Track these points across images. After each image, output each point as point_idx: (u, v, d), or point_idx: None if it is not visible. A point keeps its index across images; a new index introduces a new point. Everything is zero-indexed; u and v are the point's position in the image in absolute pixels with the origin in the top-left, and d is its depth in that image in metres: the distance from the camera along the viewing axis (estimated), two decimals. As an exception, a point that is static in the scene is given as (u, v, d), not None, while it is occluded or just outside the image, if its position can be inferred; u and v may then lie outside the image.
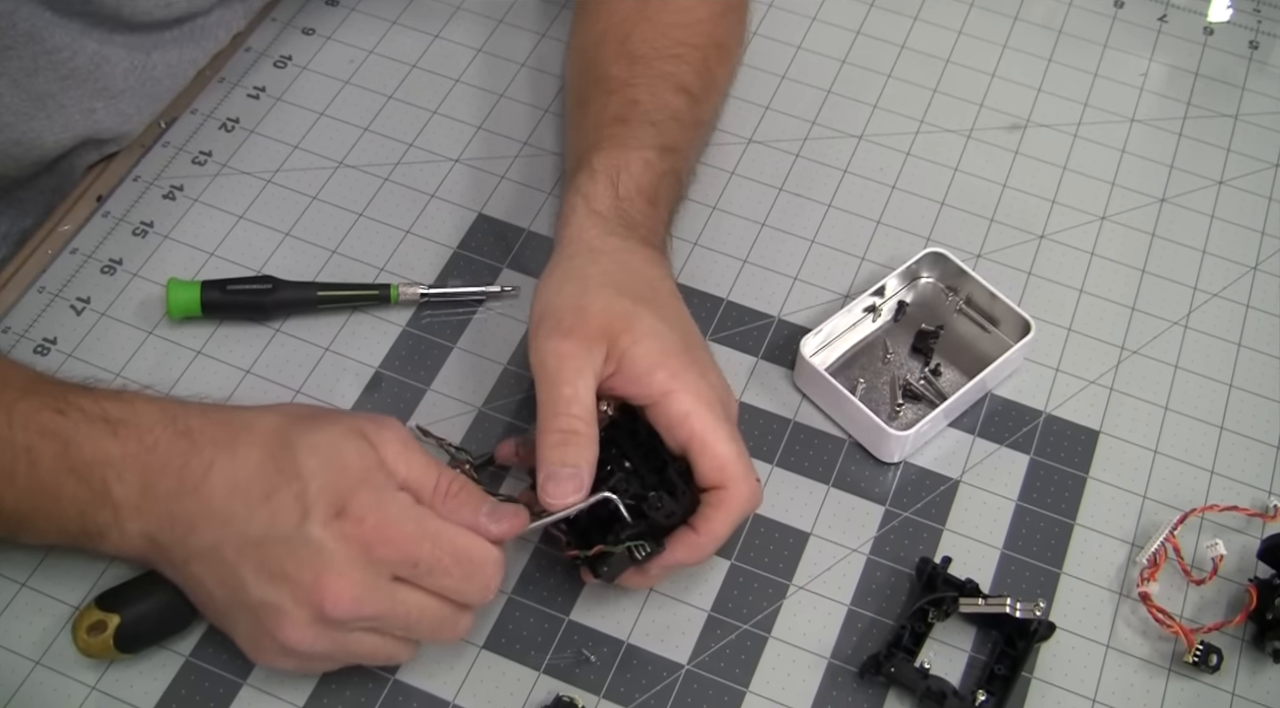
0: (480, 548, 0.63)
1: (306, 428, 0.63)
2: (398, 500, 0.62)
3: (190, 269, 0.83)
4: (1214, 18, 0.99)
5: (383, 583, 0.62)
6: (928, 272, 0.82)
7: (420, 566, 0.62)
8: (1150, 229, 0.87)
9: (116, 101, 0.82)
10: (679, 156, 0.79)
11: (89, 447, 0.64)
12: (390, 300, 0.81)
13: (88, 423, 0.64)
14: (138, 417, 0.65)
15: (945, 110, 0.93)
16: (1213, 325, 0.83)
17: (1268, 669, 0.71)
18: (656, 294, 0.71)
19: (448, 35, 0.95)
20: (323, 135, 0.89)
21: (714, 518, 0.66)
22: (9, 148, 0.79)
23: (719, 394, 0.68)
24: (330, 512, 0.61)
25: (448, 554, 0.62)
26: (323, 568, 0.61)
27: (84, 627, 0.66)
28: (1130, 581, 0.73)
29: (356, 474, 0.62)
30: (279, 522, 0.61)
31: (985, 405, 0.79)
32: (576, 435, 0.65)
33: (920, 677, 0.68)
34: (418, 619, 0.63)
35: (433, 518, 0.62)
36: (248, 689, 0.68)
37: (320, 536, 0.61)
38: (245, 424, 0.64)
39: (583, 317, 0.68)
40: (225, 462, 0.63)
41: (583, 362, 0.66)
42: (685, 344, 0.69)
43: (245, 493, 0.62)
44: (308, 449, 0.62)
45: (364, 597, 0.61)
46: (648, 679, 0.69)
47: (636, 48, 0.82)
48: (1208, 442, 0.79)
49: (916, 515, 0.75)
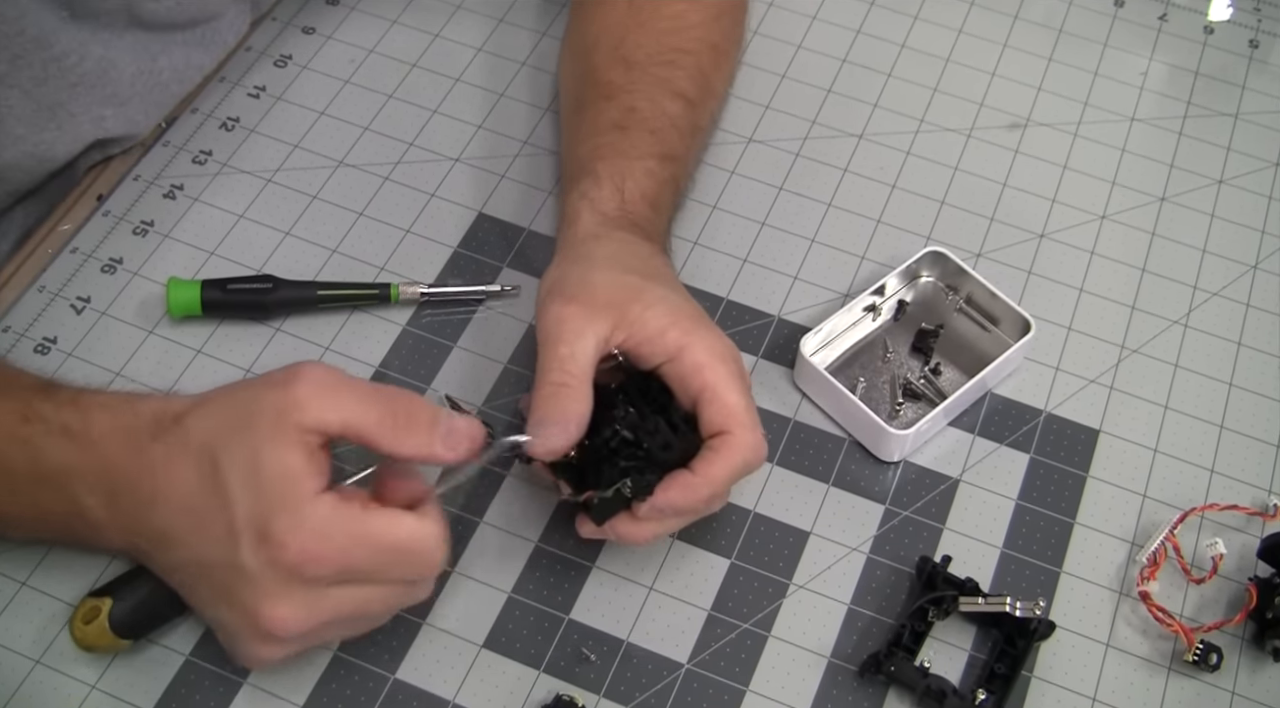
0: (414, 535, 0.61)
1: (229, 439, 0.60)
2: (317, 513, 0.59)
3: (190, 268, 0.83)
4: (1214, 17, 0.99)
5: (322, 593, 0.60)
6: (928, 271, 0.82)
7: (357, 571, 0.60)
8: (1150, 228, 0.87)
9: (125, 108, 0.82)
10: (678, 164, 0.80)
11: (55, 457, 0.63)
12: (391, 300, 0.81)
13: (50, 434, 0.64)
14: (91, 429, 0.63)
15: (945, 109, 0.93)
16: (1213, 324, 0.83)
17: (1268, 668, 0.71)
18: (662, 275, 0.71)
19: (448, 34, 0.95)
20: (323, 134, 0.89)
21: (713, 461, 0.65)
22: (22, 161, 0.79)
23: (735, 356, 0.68)
24: (256, 538, 0.59)
25: (382, 553, 0.60)
26: (260, 595, 0.59)
27: (79, 617, 0.66)
28: (1130, 579, 0.73)
29: (275, 490, 0.59)
30: (217, 549, 0.60)
31: (985, 405, 0.79)
32: (567, 388, 0.65)
33: (920, 676, 0.68)
34: (369, 609, 0.62)
35: (358, 518, 0.60)
36: (248, 688, 0.68)
37: (251, 563, 0.59)
38: (181, 440, 0.62)
39: (589, 288, 0.68)
40: (166, 484, 0.61)
41: (583, 325, 0.66)
42: (696, 309, 0.69)
43: (186, 518, 0.61)
44: (230, 468, 0.60)
45: (305, 614, 0.60)
46: (648, 678, 0.69)
47: (631, 53, 0.82)
48: (1208, 441, 0.79)
49: (916, 515, 0.75)
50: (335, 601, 0.60)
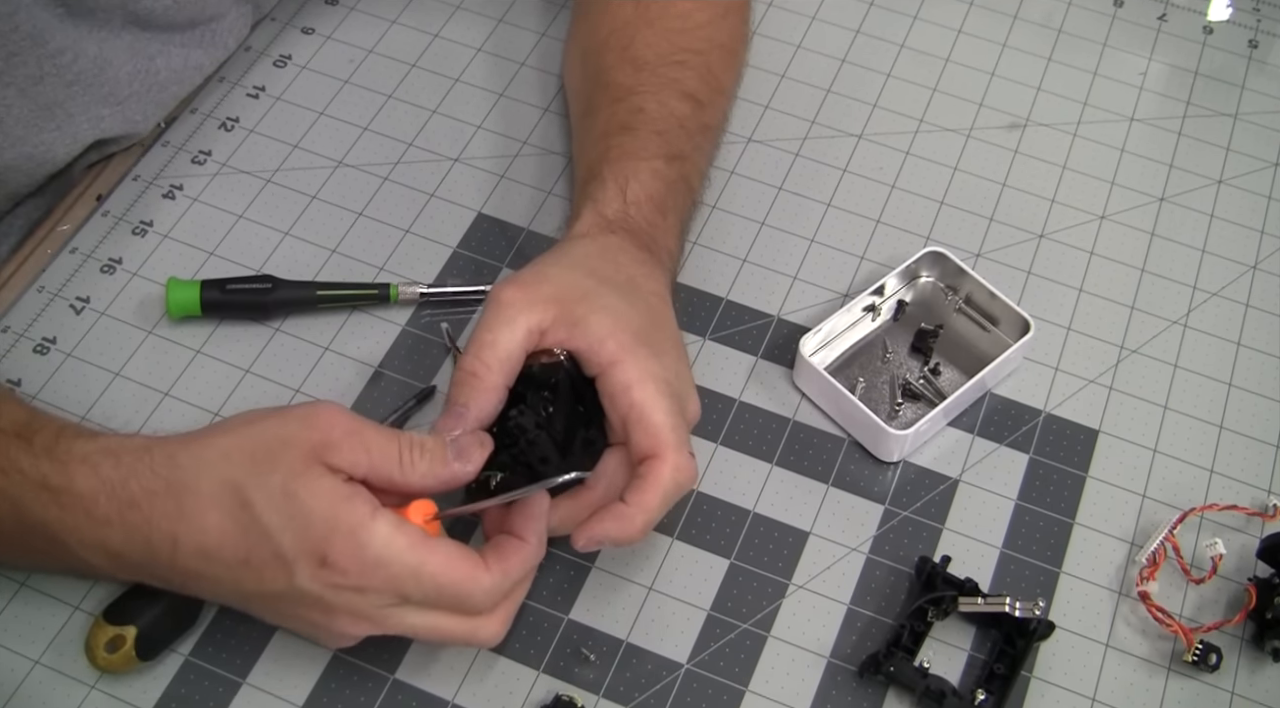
0: (460, 580, 0.61)
1: (253, 478, 0.60)
2: (376, 539, 0.60)
3: (190, 268, 0.83)
4: (1213, 17, 0.99)
5: (387, 611, 0.62)
6: (927, 271, 0.82)
7: (410, 599, 0.62)
8: (1150, 228, 0.87)
9: (123, 107, 0.82)
10: (687, 163, 0.79)
11: (39, 511, 0.62)
12: (390, 300, 0.81)
13: (30, 488, 0.62)
14: (75, 486, 0.62)
15: (945, 109, 0.93)
16: (1212, 325, 0.83)
17: (1267, 668, 0.71)
18: (633, 285, 0.70)
19: (447, 34, 0.95)
20: (322, 135, 0.89)
21: (643, 489, 0.65)
22: (21, 162, 0.79)
23: (669, 379, 0.67)
24: (314, 564, 0.60)
25: (431, 590, 0.61)
26: (327, 611, 0.61)
27: (101, 645, 0.66)
28: (1130, 580, 0.73)
29: (324, 518, 0.60)
30: (268, 582, 0.61)
31: (985, 405, 0.79)
32: (475, 378, 0.65)
33: (919, 676, 0.68)
34: (435, 632, 0.63)
35: (413, 550, 0.60)
36: (247, 688, 0.68)
37: (313, 588, 0.60)
38: (188, 487, 0.61)
39: (539, 279, 0.68)
40: (187, 533, 0.61)
41: (517, 313, 0.66)
42: (646, 326, 0.68)
43: (220, 559, 0.61)
44: (264, 504, 0.60)
45: (371, 625, 0.62)
46: (647, 678, 0.69)
47: (640, 54, 0.82)
48: (1207, 441, 0.79)
49: (916, 515, 0.75)
50: (396, 618, 0.62)
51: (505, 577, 0.63)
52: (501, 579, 0.63)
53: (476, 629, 0.64)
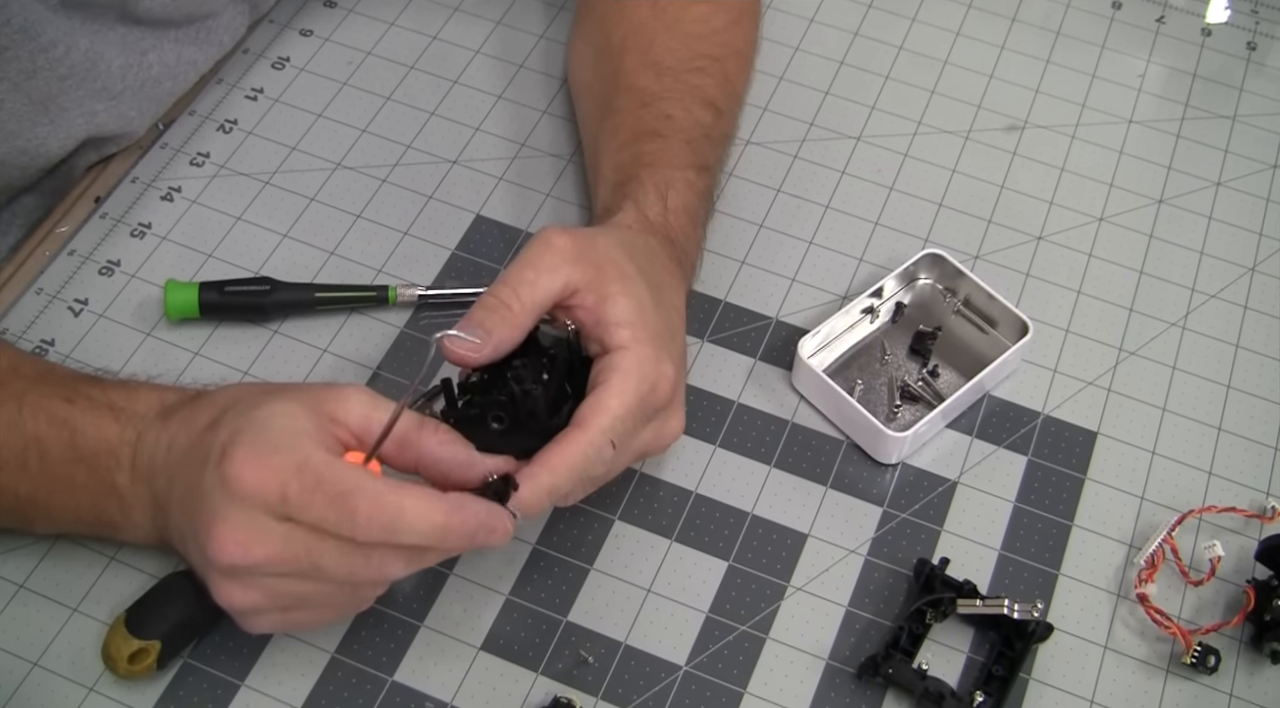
0: (347, 477, 0.58)
1: (257, 393, 0.63)
2: (278, 433, 0.58)
3: (188, 270, 0.83)
4: (1212, 19, 0.99)
5: (265, 524, 0.58)
6: (926, 273, 0.82)
7: (289, 501, 0.58)
8: (1148, 230, 0.87)
9: (117, 103, 0.82)
10: (710, 176, 0.80)
11: (94, 434, 0.65)
12: (388, 302, 0.81)
13: (94, 410, 0.65)
14: (135, 404, 0.66)
15: (943, 112, 0.93)
16: (1211, 327, 0.83)
17: (1265, 670, 0.71)
18: (660, 290, 0.70)
19: (446, 36, 0.95)
20: (321, 137, 0.89)
21: (552, 450, 0.63)
22: (14, 157, 0.79)
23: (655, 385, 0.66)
24: (219, 456, 0.59)
25: (311, 483, 0.58)
26: (210, 516, 0.59)
27: (124, 658, 0.66)
28: (1128, 582, 0.73)
29: (258, 418, 0.59)
30: (194, 477, 0.61)
31: (983, 407, 0.79)
32: (507, 310, 0.64)
33: (918, 678, 0.68)
34: (320, 561, 0.59)
35: (311, 448, 0.58)
36: (245, 690, 0.68)
37: (210, 482, 0.59)
38: (209, 398, 0.65)
39: (591, 238, 0.68)
40: (182, 434, 0.63)
41: (562, 263, 0.65)
42: (664, 332, 0.68)
43: (185, 456, 0.62)
44: (238, 408, 0.61)
45: (247, 541, 0.58)
46: (645, 681, 0.69)
47: (661, 58, 0.82)
48: (1205, 443, 0.79)
49: (914, 517, 0.75)
50: (277, 535, 0.58)
51: (395, 500, 0.58)
52: (389, 499, 0.58)
53: (353, 560, 0.59)
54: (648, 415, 0.67)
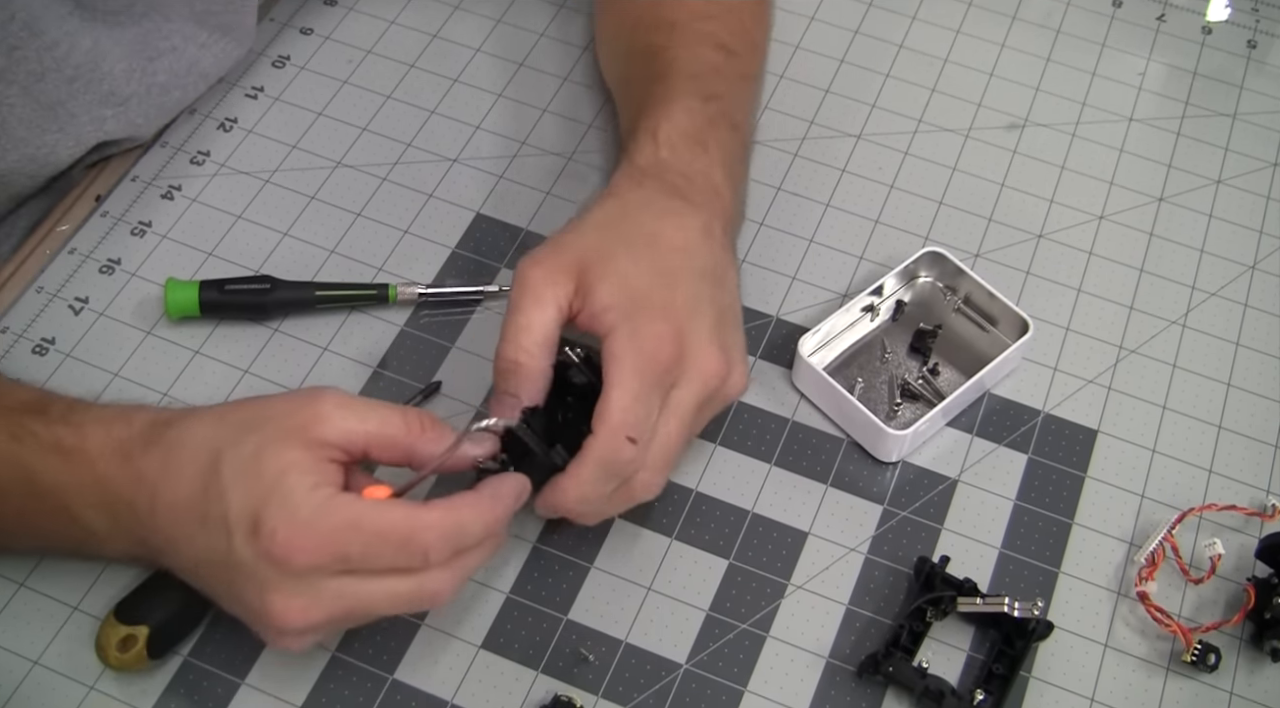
0: (406, 520, 0.59)
1: (234, 439, 0.60)
2: (309, 503, 0.58)
3: (188, 269, 0.83)
4: (1212, 17, 0.99)
5: (324, 585, 0.59)
6: (926, 271, 0.82)
7: (352, 559, 0.58)
8: (1148, 228, 0.87)
9: (125, 109, 0.82)
10: (726, 102, 0.78)
11: (49, 476, 0.63)
12: (388, 300, 0.81)
13: (43, 452, 0.63)
14: (86, 444, 0.63)
15: (943, 110, 0.93)
16: (1211, 325, 0.83)
17: (1266, 668, 0.71)
18: (652, 241, 0.69)
19: (446, 35, 0.95)
20: (321, 135, 0.89)
21: (576, 461, 0.64)
22: (24, 165, 0.79)
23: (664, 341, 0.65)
24: (249, 531, 0.58)
25: (374, 538, 0.58)
26: (259, 590, 0.59)
27: (113, 645, 0.66)
28: (1128, 580, 0.73)
29: (269, 482, 0.58)
30: (214, 547, 0.60)
31: (983, 405, 0.79)
32: (519, 367, 0.65)
33: (918, 676, 0.68)
34: (381, 602, 0.60)
35: (348, 506, 0.59)
36: (245, 689, 0.68)
37: (245, 557, 0.58)
38: (178, 442, 0.62)
39: (557, 250, 0.67)
40: (165, 488, 0.61)
41: (543, 291, 0.65)
42: (655, 286, 0.67)
43: (185, 519, 0.61)
44: (229, 466, 0.59)
45: (305, 605, 0.59)
46: (646, 679, 0.69)
47: (670, 15, 0.81)
48: (1206, 441, 0.79)
49: (915, 515, 0.75)
50: (335, 592, 0.59)
51: (454, 520, 0.60)
52: (449, 521, 0.60)
53: (424, 582, 0.60)
54: (664, 383, 0.66)
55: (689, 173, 0.73)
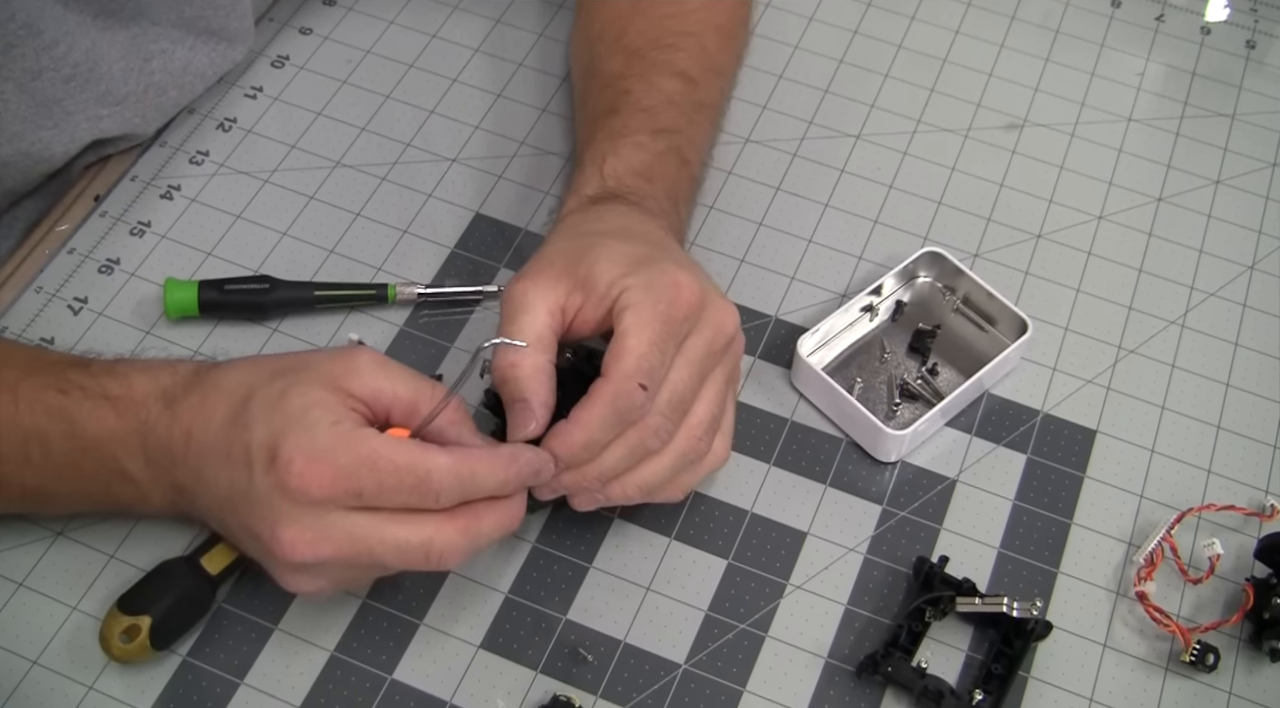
0: (422, 459, 0.60)
1: (264, 383, 0.62)
2: (330, 433, 0.59)
3: (187, 269, 0.83)
4: (1211, 17, 0.99)
5: (335, 521, 0.59)
6: (925, 271, 0.82)
7: (365, 494, 0.59)
8: (1147, 228, 0.87)
9: (121, 108, 0.82)
10: (678, 136, 0.78)
11: (94, 425, 0.65)
12: (388, 300, 0.81)
13: (89, 401, 0.65)
14: (132, 391, 0.65)
15: (942, 110, 0.93)
16: (1210, 325, 0.83)
17: (1264, 668, 0.71)
18: (626, 229, 0.69)
19: (445, 35, 0.95)
20: (320, 135, 0.89)
21: (583, 405, 0.64)
22: (18, 160, 0.79)
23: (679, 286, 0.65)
24: (267, 461, 0.59)
25: (389, 475, 0.59)
26: (270, 520, 0.60)
27: (116, 636, 0.66)
28: (1127, 580, 0.73)
29: (292, 416, 0.60)
30: (236, 479, 0.61)
31: (982, 405, 0.79)
32: (514, 368, 0.65)
33: (917, 676, 0.68)
34: (390, 551, 0.60)
35: (370, 439, 0.59)
36: (245, 689, 0.68)
37: (261, 487, 0.59)
38: (215, 384, 0.64)
39: (539, 265, 0.68)
40: (198, 426, 0.63)
41: (533, 297, 0.66)
42: (649, 249, 0.67)
43: (212, 453, 0.62)
44: (258, 402, 0.61)
45: (313, 537, 0.59)
46: (645, 679, 0.69)
47: (632, 42, 0.82)
48: (1205, 441, 0.79)
49: (913, 515, 0.75)
50: (345, 529, 0.60)
51: (468, 466, 0.60)
52: (464, 466, 0.60)
53: (434, 537, 0.60)
54: (680, 333, 0.65)
55: (639, 198, 0.74)
